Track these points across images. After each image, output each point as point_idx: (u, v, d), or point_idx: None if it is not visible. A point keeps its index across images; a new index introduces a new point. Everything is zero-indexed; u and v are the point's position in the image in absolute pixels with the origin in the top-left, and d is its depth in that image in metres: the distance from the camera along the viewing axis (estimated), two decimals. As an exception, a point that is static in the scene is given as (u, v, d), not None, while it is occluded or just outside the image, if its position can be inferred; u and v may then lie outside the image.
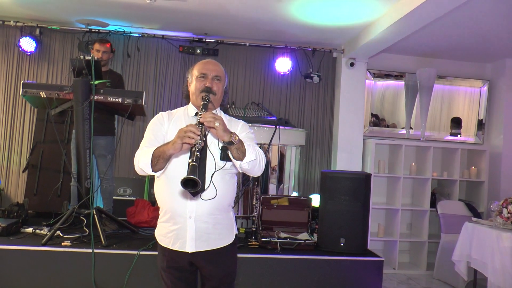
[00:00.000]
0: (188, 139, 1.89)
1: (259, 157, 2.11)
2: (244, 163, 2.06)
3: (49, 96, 3.88)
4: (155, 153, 2.03)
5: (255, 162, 2.09)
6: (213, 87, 2.26)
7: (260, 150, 2.17)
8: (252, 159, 2.06)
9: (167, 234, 2.23)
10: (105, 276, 3.52)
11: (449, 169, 5.93)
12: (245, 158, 2.04)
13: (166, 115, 2.33)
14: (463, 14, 4.40)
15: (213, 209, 2.18)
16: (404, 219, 5.91)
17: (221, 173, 2.17)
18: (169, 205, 2.20)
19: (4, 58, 5.54)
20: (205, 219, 2.17)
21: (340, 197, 4.01)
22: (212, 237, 2.21)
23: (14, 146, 5.51)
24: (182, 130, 1.91)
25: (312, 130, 5.96)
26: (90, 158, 3.98)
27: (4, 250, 3.47)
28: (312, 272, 3.76)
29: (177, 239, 2.19)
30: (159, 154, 2.02)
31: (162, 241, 2.26)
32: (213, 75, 2.27)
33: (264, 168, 2.19)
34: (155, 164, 2.04)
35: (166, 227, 2.24)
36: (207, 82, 2.25)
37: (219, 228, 2.23)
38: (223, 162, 2.16)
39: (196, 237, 2.17)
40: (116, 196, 5.00)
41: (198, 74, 2.28)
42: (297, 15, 4.73)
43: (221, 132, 1.95)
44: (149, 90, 5.69)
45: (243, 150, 2.03)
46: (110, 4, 4.69)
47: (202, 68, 2.29)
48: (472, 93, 6.28)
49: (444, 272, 5.15)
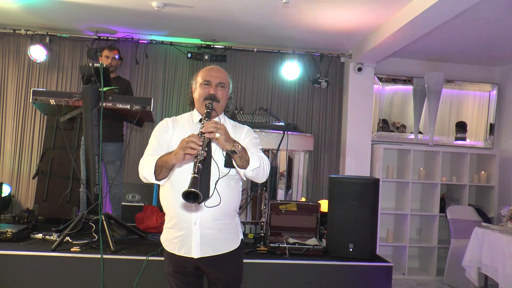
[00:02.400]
0: (190, 150, 1.89)
1: (263, 164, 2.11)
2: (248, 171, 2.06)
3: (59, 103, 3.91)
4: (158, 162, 2.04)
5: (259, 169, 2.09)
6: (217, 94, 2.26)
7: (265, 156, 2.17)
8: (256, 167, 2.06)
9: (173, 240, 2.24)
10: (114, 281, 3.52)
11: (458, 174, 5.89)
12: (249, 166, 2.05)
13: (171, 121, 2.34)
14: (471, 18, 4.38)
15: (218, 215, 2.18)
16: (413, 224, 5.87)
17: (225, 179, 2.17)
18: (174, 211, 2.21)
19: (15, 66, 5.61)
20: (210, 225, 2.18)
21: (349, 202, 3.99)
22: (218, 243, 2.22)
23: (24, 153, 5.57)
24: (184, 140, 1.91)
25: (320, 135, 5.95)
26: (99, 164, 4.01)
27: (14, 255, 3.49)
28: (321, 278, 3.74)
29: (183, 245, 2.20)
30: (162, 163, 2.03)
31: (168, 247, 2.27)
32: (217, 82, 2.27)
33: (268, 174, 2.18)
34: (159, 173, 2.06)
35: (171, 233, 2.25)
36: (211, 89, 2.25)
37: (225, 234, 2.24)
38: (227, 169, 2.16)
39: (201, 243, 2.18)
40: (124, 202, 5.03)
41: (202, 81, 2.28)
42: (304, 21, 4.74)
43: (223, 142, 1.95)
44: (158, 96, 5.73)
45: (247, 158, 2.03)
46: (119, 12, 4.73)
47: (206, 75, 2.29)
48: (481, 97, 6.24)
49: (454, 278, 5.10)
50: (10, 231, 3.79)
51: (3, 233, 3.77)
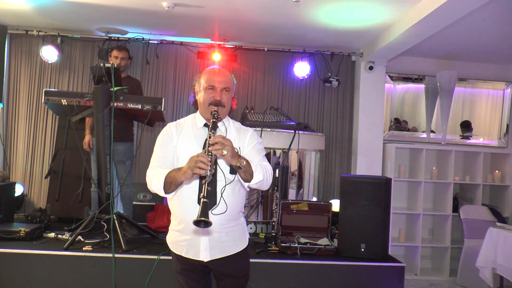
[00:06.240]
0: (198, 170, 1.90)
1: (265, 175, 2.11)
2: (252, 184, 2.08)
3: (70, 104, 3.94)
4: (167, 179, 2.06)
5: (262, 181, 2.10)
6: (222, 99, 2.23)
7: (268, 165, 2.18)
8: (259, 180, 2.07)
9: (180, 243, 2.26)
10: (126, 280, 3.54)
11: (471, 173, 5.82)
12: (253, 179, 2.06)
13: (174, 127, 2.32)
14: (484, 15, 4.32)
15: (225, 220, 2.19)
16: (425, 224, 5.81)
17: (231, 185, 2.18)
18: (181, 216, 2.23)
19: (27, 67, 5.67)
20: (217, 230, 2.19)
21: (360, 202, 3.97)
22: (227, 244, 2.24)
23: (36, 153, 5.61)
24: (193, 160, 1.91)
25: (332, 134, 5.92)
26: (110, 164, 4.03)
27: (27, 254, 3.53)
28: (333, 278, 3.72)
29: (190, 248, 2.22)
30: (171, 180, 2.05)
31: (175, 249, 2.29)
32: (222, 87, 2.24)
33: (271, 183, 2.20)
34: (168, 188, 2.09)
35: (178, 235, 2.27)
36: (216, 94, 2.22)
37: (232, 235, 2.26)
38: (232, 176, 2.17)
39: (210, 246, 2.20)
40: (136, 201, 5.04)
41: (207, 86, 2.24)
42: (315, 19, 4.71)
43: (229, 158, 1.95)
44: (168, 96, 5.74)
45: (251, 172, 2.04)
46: (129, 12, 4.75)
47: (210, 79, 2.24)
48: (495, 96, 6.16)
49: (468, 278, 5.04)
50: (24, 230, 3.84)
51: (16, 232, 3.83)
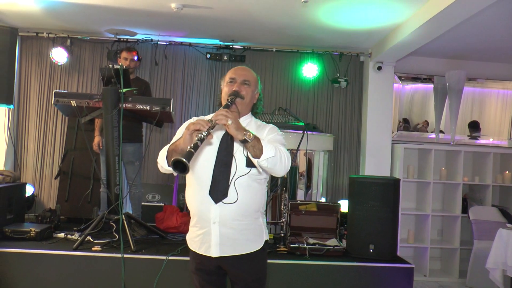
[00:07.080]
0: (193, 126, 1.93)
1: (279, 154, 2.05)
2: (262, 160, 2.01)
3: (80, 105, 3.97)
4: (170, 148, 2.10)
5: (274, 159, 2.03)
6: (241, 91, 2.27)
7: (284, 150, 2.12)
8: (270, 156, 2.01)
9: (195, 238, 2.26)
10: (134, 280, 3.55)
11: (480, 173, 5.77)
12: (263, 155, 2.00)
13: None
14: (493, 14, 4.29)
15: (237, 214, 2.17)
16: (434, 225, 5.78)
17: (247, 179, 2.17)
18: (195, 210, 2.23)
19: (37, 69, 5.72)
20: (230, 225, 2.17)
21: (369, 203, 3.95)
22: (238, 243, 2.21)
23: (46, 154, 5.66)
24: (192, 123, 1.96)
25: (340, 135, 5.91)
26: (119, 165, 4.05)
27: (37, 254, 3.56)
28: (341, 279, 3.71)
29: (203, 243, 2.22)
30: (173, 148, 2.08)
31: (191, 245, 2.29)
32: (241, 79, 2.30)
33: (288, 167, 2.13)
34: (170, 158, 2.07)
35: (194, 231, 2.27)
36: (235, 86, 2.27)
37: (246, 234, 2.22)
38: (247, 168, 2.16)
39: (220, 242, 2.18)
40: (145, 202, 5.07)
41: (228, 80, 2.32)
42: (323, 20, 4.71)
43: (233, 130, 1.94)
44: (177, 97, 5.76)
45: (260, 147, 2.00)
46: (138, 13, 4.77)
47: (232, 73, 2.34)
48: (505, 95, 6.11)
49: (477, 280, 5.00)
50: (34, 230, 3.88)
51: (27, 232, 3.87)
